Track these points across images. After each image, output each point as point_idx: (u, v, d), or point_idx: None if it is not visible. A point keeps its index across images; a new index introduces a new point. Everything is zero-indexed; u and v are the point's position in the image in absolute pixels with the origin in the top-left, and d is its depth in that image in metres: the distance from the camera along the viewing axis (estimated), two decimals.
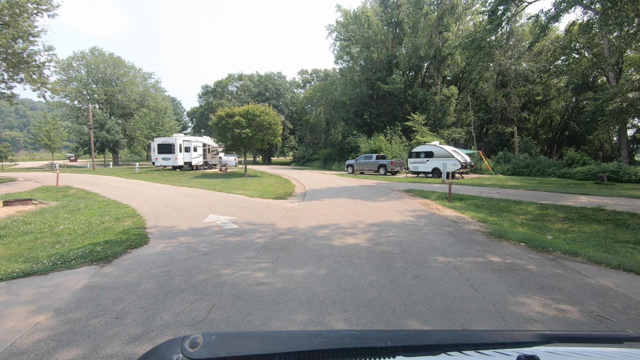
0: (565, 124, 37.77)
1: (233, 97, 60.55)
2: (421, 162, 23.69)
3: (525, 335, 0.95)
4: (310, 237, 6.37)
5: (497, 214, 9.32)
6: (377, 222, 7.82)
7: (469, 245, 5.77)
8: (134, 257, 5.26)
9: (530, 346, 0.91)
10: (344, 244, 5.85)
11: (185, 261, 5.00)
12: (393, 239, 6.21)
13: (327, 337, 0.79)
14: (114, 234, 6.81)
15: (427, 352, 0.84)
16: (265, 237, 6.42)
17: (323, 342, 0.76)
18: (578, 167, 22.80)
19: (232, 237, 6.51)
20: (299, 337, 0.81)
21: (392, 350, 0.77)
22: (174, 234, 6.86)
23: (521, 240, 6.01)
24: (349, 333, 0.81)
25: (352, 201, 11.42)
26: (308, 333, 0.80)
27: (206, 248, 5.70)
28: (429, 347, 0.83)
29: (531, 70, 34.12)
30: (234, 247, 5.77)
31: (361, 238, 6.29)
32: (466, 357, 0.92)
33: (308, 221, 8.00)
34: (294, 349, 0.72)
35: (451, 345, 0.85)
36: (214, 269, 4.64)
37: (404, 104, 36.99)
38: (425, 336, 0.88)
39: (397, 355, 0.78)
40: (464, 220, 8.13)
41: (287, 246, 5.76)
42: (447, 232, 6.73)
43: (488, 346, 0.90)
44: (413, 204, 10.86)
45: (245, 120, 22.84)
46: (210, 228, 7.36)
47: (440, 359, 0.88)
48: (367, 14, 38.30)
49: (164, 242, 6.13)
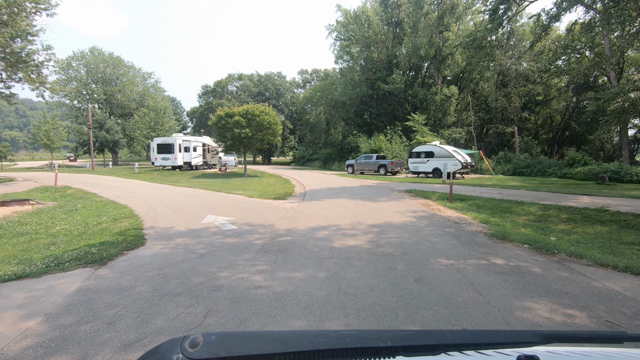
0: (566, 124, 37.65)
1: (233, 97, 60.44)
2: (422, 162, 23.57)
3: (525, 335, 0.94)
4: (309, 239, 6.26)
5: (499, 215, 9.21)
6: (377, 223, 7.70)
7: (471, 247, 5.66)
8: (129, 259, 5.14)
9: (530, 346, 0.90)
10: (344, 246, 5.74)
11: (182, 263, 4.89)
12: (394, 240, 6.10)
13: (327, 337, 0.79)
14: (111, 235, 6.70)
15: (427, 352, 0.84)
16: (264, 239, 6.30)
17: (323, 342, 0.76)
18: (579, 168, 22.69)
19: (230, 238, 6.39)
20: (299, 337, 0.80)
21: (392, 350, 0.77)
22: (171, 235, 6.75)
23: (524, 241, 5.89)
24: (349, 333, 0.81)
25: (352, 202, 11.30)
26: (308, 333, 0.79)
27: (204, 250, 5.58)
28: (429, 347, 0.83)
29: (532, 70, 34.03)
30: (232, 248, 5.66)
31: (362, 239, 6.17)
32: (466, 357, 0.93)
33: (308, 222, 7.89)
34: (294, 348, 0.72)
35: (451, 345, 0.85)
36: (211, 271, 4.52)
37: (404, 103, 36.87)
38: (425, 336, 0.88)
39: (397, 355, 0.77)
40: (465, 221, 8.02)
41: (286, 248, 5.64)
42: (449, 234, 6.61)
43: (488, 346, 0.90)
44: (414, 204, 10.75)
45: (245, 120, 22.72)
46: (208, 229, 7.25)
47: (440, 359, 0.89)
48: (367, 14, 38.18)
49: (161, 244, 6.01)
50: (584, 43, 30.38)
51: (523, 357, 0.88)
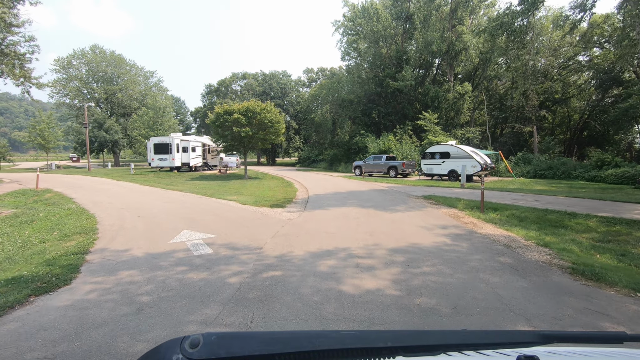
0: (585, 123, 35.33)
1: (237, 96, 58.90)
2: (436, 164, 21.59)
3: (525, 335, 0.92)
4: (308, 275, 4.37)
5: (551, 231, 7.24)
6: (401, 245, 5.80)
7: (556, 297, 3.68)
8: (27, 316, 3.32)
9: (530, 346, 0.89)
10: (360, 291, 3.84)
11: (100, 328, 3.04)
12: (432, 279, 4.18)
13: (327, 337, 0.79)
14: (37, 264, 4.90)
15: (427, 352, 0.83)
16: (243, 274, 4.42)
17: (323, 342, 0.75)
18: (610, 170, 20.50)
19: (196, 271, 4.55)
20: (299, 337, 0.80)
21: (391, 350, 0.75)
22: (119, 264, 4.92)
23: (634, 286, 3.91)
24: (349, 333, 0.81)
25: (363, 211, 9.40)
26: (308, 333, 0.80)
27: (148, 297, 3.72)
28: (429, 347, 0.81)
29: (551, 65, 31.80)
30: (192, 294, 3.81)
31: (384, 277, 4.27)
32: (466, 357, 0.92)
33: (307, 243, 6.01)
34: (294, 349, 0.71)
35: (451, 345, 0.83)
36: (136, 351, 2.68)
37: (414, 102, 34.85)
38: (425, 336, 0.88)
39: (397, 355, 0.76)
40: (517, 242, 6.07)
41: (272, 295, 3.75)
42: (508, 267, 4.66)
43: (488, 346, 0.89)
44: (439, 215, 8.80)
45: (245, 118, 20.92)
46: (174, 254, 5.41)
47: (440, 359, 0.88)
48: (375, 7, 36.23)
49: (94, 282, 4.18)
50: (608, 35, 28.18)
51: (523, 357, 0.87)
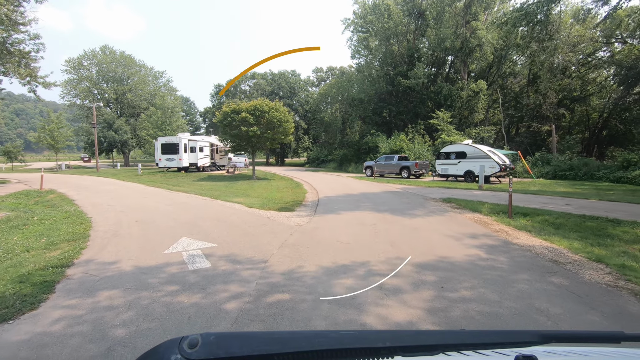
0: (605, 122, 33.75)
1: (246, 96, 58.54)
2: (451, 164, 20.63)
3: (524, 335, 0.92)
4: (321, 301, 3.63)
5: (596, 242, 6.34)
6: (429, 260, 5.00)
7: None
8: None
9: (528, 346, 0.89)
10: (387, 325, 3.03)
11: None
12: (475, 309, 3.36)
13: (326, 337, 0.79)
14: (8, 280, 4.21)
15: (426, 352, 0.83)
16: (243, 297, 3.68)
17: (322, 342, 0.75)
18: (638, 171, 19.29)
19: (189, 292, 3.83)
20: (298, 338, 0.79)
21: (390, 350, 0.75)
22: (101, 281, 4.24)
23: None
24: (348, 333, 0.81)
25: (379, 216, 8.61)
26: (307, 333, 0.79)
27: (124, 329, 3.00)
28: (428, 348, 0.81)
29: (570, 61, 30.40)
30: (179, 326, 3.07)
31: (415, 305, 3.47)
32: (464, 357, 0.92)
33: (319, 256, 5.26)
34: (293, 349, 0.71)
35: (449, 345, 0.83)
36: None
37: (426, 100, 33.79)
38: (424, 336, 0.88)
39: (395, 355, 0.76)
40: (564, 257, 5.20)
41: (277, 329, 3.02)
42: (566, 292, 3.78)
43: (486, 346, 0.89)
44: (464, 221, 7.96)
45: (253, 117, 20.27)
46: (166, 268, 4.72)
47: (438, 359, 0.88)
48: (386, 3, 35.25)
49: (66, 306, 3.49)
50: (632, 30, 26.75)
51: (521, 357, 0.86)
